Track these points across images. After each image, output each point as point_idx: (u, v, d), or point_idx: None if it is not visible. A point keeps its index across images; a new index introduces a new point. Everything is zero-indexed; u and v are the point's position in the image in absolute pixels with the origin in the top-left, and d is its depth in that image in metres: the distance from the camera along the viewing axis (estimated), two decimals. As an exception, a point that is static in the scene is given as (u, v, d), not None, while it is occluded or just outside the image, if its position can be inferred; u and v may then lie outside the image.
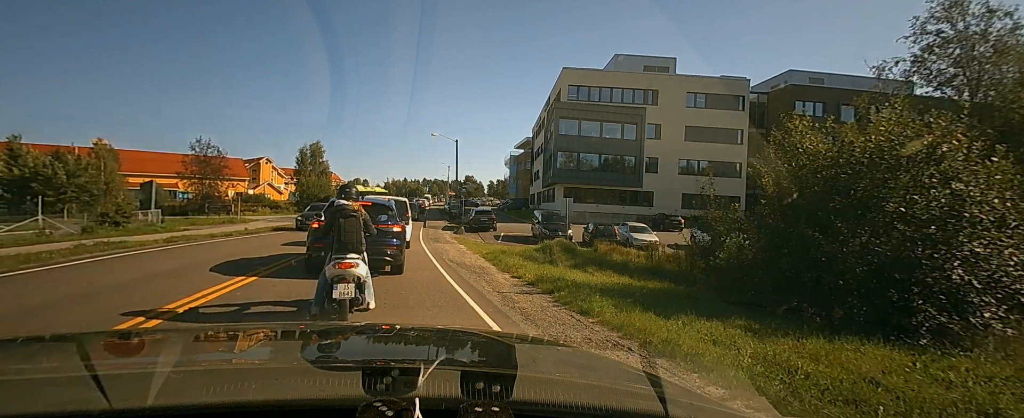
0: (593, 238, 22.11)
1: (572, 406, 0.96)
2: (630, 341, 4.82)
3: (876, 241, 7.57)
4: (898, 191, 7.19)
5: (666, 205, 38.64)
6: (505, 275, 10.16)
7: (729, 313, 6.97)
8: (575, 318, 5.99)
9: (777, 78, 45.81)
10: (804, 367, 4.63)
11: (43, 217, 18.14)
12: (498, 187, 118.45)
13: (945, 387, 4.18)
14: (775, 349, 5.19)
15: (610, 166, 39.49)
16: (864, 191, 7.55)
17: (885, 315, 7.35)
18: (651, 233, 22.87)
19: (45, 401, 0.89)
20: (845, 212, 7.83)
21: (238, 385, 1.04)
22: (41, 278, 7.79)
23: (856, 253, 7.54)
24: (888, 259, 7.32)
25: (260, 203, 46.91)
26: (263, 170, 62.26)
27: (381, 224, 8.42)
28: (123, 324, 5.06)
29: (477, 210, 32.23)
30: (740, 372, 4.19)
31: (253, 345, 1.68)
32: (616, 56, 43.95)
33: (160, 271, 8.88)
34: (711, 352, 4.66)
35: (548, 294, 7.76)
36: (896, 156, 7.13)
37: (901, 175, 7.09)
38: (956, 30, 18.22)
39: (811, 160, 8.37)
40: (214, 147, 40.17)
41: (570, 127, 38.95)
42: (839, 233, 7.91)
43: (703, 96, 40.93)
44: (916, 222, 7.11)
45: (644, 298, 7.75)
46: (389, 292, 7.48)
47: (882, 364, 5.14)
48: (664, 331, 5.04)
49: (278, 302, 6.46)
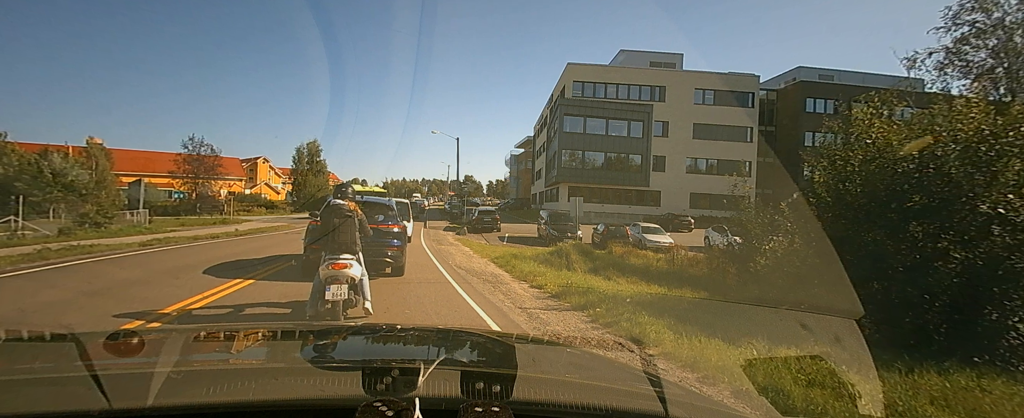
0: (604, 240, 20.98)
1: (572, 406, 0.96)
2: (714, 387, 3.67)
3: (956, 248, 6.47)
4: (998, 188, 6.05)
5: (674, 205, 37.47)
6: (523, 284, 8.99)
7: (791, 332, 5.86)
8: (628, 350, 4.86)
9: (786, 75, 44.72)
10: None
11: (16, 218, 16.91)
12: (497, 187, 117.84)
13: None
14: (890, 388, 4.07)
15: (616, 164, 38.23)
16: (952, 188, 6.41)
17: (973, 335, 6.26)
18: (665, 234, 21.74)
19: (45, 401, 0.90)
20: (925, 213, 6.69)
21: (238, 385, 1.01)
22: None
23: (939, 262, 6.44)
24: (981, 270, 6.22)
25: (256, 203, 45.70)
26: (260, 170, 61.29)
27: (379, 224, 8.16)
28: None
29: (480, 210, 31.02)
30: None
31: (253, 345, 1.67)
32: (622, 51, 42.78)
33: (104, 286, 7.25)
34: (821, 401, 3.52)
35: (581, 311, 6.60)
36: (1004, 143, 5.97)
37: (1009, 167, 5.93)
38: (992, 20, 17.17)
39: (880, 153, 7.23)
40: (207, 145, 39.00)
41: (575, 124, 37.67)
42: (914, 238, 6.79)
43: (712, 93, 39.72)
44: (1021, 226, 5.98)
45: (687, 314, 6.63)
46: (391, 308, 6.35)
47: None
48: (757, 370, 3.90)
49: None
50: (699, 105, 39.53)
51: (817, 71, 43.35)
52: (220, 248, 13.47)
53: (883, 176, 7.11)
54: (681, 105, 39.06)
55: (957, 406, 3.87)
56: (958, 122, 6.64)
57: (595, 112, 37.77)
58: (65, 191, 27.65)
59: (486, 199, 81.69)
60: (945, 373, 4.75)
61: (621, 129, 37.75)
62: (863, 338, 5.57)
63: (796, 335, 5.48)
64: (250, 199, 47.36)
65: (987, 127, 6.42)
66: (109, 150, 38.50)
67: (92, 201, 18.45)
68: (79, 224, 17.65)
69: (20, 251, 10.39)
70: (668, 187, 38.40)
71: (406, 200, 17.82)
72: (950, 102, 7.84)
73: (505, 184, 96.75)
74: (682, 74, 40.39)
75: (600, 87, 39.52)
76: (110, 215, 18.58)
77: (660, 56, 41.87)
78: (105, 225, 18.35)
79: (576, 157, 38.00)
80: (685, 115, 39.03)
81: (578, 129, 37.55)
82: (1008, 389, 4.58)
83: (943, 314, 6.56)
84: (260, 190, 58.09)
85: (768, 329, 5.71)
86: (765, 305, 8.42)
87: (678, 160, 39.10)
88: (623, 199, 37.77)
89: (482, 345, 1.79)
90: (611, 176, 37.85)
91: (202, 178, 38.77)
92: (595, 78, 39.57)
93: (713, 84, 39.67)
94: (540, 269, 10.49)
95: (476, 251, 15.75)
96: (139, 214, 21.63)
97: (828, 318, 7.27)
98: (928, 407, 3.71)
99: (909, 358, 5.32)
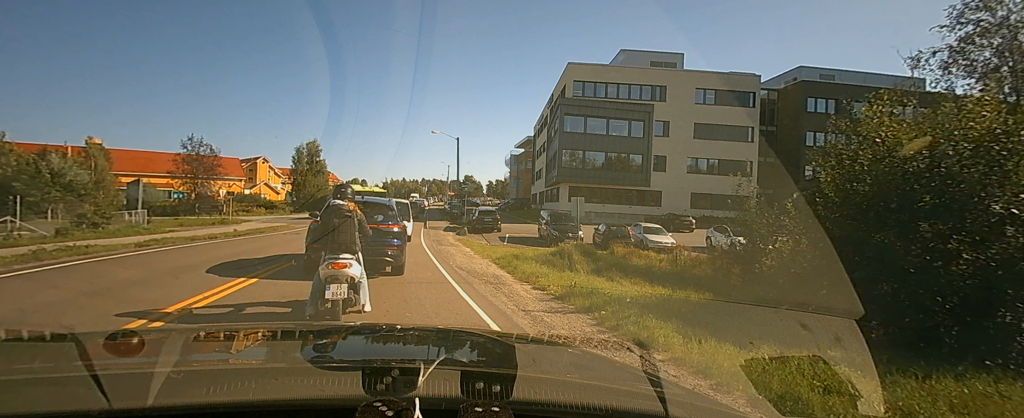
0: (606, 240, 20.84)
1: (572, 406, 0.96)
2: (729, 395, 3.54)
3: (967, 248, 6.34)
4: (1012, 187, 5.92)
5: (674, 205, 37.31)
6: (525, 286, 8.85)
7: (796, 333, 5.72)
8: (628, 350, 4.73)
9: (786, 75, 44.57)
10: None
11: (12, 218, 16.76)
12: (496, 187, 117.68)
13: None
14: (905, 394, 3.94)
15: (617, 164, 38.06)
16: (964, 188, 6.28)
17: (985, 337, 6.14)
18: (667, 235, 21.60)
19: (45, 401, 0.89)
20: (935, 213, 6.56)
21: (238, 385, 1.01)
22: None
23: (950, 263, 6.31)
24: (993, 271, 6.09)
25: (255, 203, 45.50)
26: (260, 170, 61.13)
27: (379, 224, 8.30)
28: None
29: (480, 210, 30.88)
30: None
31: (253, 345, 1.66)
32: (622, 51, 42.64)
33: (104, 286, 7.18)
34: (839, 407, 3.39)
35: (586, 313, 6.46)
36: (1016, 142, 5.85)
37: (1021, 166, 5.80)
38: (997, 18, 17.05)
39: (890, 152, 7.09)
40: (207, 145, 38.82)
41: (576, 124, 37.50)
42: (924, 238, 6.66)
43: (713, 92, 39.57)
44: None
45: (694, 316, 6.49)
46: (391, 310, 6.22)
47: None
48: (761, 372, 3.77)
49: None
50: (700, 105, 39.38)
51: (818, 71, 43.20)
52: (219, 248, 13.34)
53: (893, 176, 6.98)
54: (682, 105, 38.91)
55: (978, 414, 3.74)
56: (970, 121, 6.51)
57: (596, 112, 37.62)
58: (63, 191, 27.51)
59: (486, 199, 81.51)
60: (962, 378, 4.62)
61: (622, 129, 37.59)
62: (864, 338, 5.45)
63: (800, 336, 5.35)
64: (249, 199, 47.19)
65: (999, 126, 6.30)
66: (108, 150, 38.35)
67: (90, 201, 18.25)
68: (77, 224, 17.49)
69: (15, 252, 10.25)
70: (669, 187, 38.26)
71: (406, 201, 17.98)
72: (958, 101, 7.72)
73: (505, 184, 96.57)
74: (683, 74, 40.24)
75: (601, 87, 39.38)
76: (108, 215, 18.42)
77: (660, 56, 41.70)
78: (103, 225, 18.19)
79: (576, 157, 37.84)
80: (686, 115, 38.87)
81: (579, 129, 37.39)
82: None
83: (954, 316, 6.43)
84: (260, 190, 57.92)
85: (776, 330, 5.58)
86: (770, 305, 8.30)
87: (679, 160, 38.95)
88: (624, 199, 37.62)
89: (482, 345, 1.78)
90: (612, 176, 37.70)
91: (201, 178, 38.58)
92: (596, 78, 39.42)
93: (714, 84, 39.53)
94: (542, 270, 10.35)
95: (477, 251, 15.62)
96: (138, 214, 21.44)
97: (830, 318, 7.17)
98: (949, 415, 3.57)
99: (925, 363, 5.20)
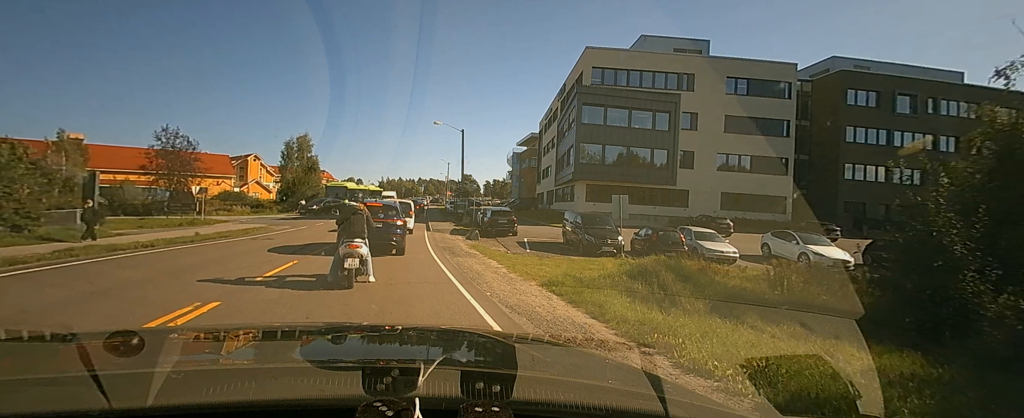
0: (649, 248, 17.16)
1: (572, 406, 0.95)
2: None
3: None
4: None
5: (703, 205, 33.60)
6: (660, 358, 5.13)
7: None
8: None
9: (818, 65, 41.10)
10: None
11: None
12: (495, 187, 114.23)
13: None
14: None
15: (639, 160, 34.14)
16: None
17: None
18: (725, 242, 18.03)
19: (45, 401, 0.88)
20: None
21: (238, 385, 0.99)
22: None
23: None
24: None
25: (240, 201, 41.51)
26: (251, 167, 57.21)
27: (387, 218, 11.99)
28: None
29: (494, 211, 26.93)
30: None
31: (253, 345, 1.62)
32: (642, 37, 38.89)
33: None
34: None
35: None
36: None
37: None
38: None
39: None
40: (183, 137, 34.88)
41: (595, 115, 33.44)
42: None
43: (745, 82, 35.80)
44: None
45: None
46: None
47: None
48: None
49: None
50: (731, 95, 35.46)
51: (853, 61, 39.76)
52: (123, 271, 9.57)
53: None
54: (711, 94, 35.00)
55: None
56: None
57: (617, 101, 33.62)
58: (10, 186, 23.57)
59: (485, 199, 77.81)
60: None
61: (645, 121, 33.65)
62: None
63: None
64: (235, 197, 43.20)
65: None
66: (87, 146, 35.18)
67: (15, 196, 14.61)
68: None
69: None
70: (697, 186, 34.46)
71: (409, 201, 16.39)
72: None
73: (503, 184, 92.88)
74: (712, 61, 36.31)
75: (622, 74, 35.52)
76: (34, 216, 14.64)
77: (684, 42, 37.91)
78: (28, 228, 14.36)
79: (594, 152, 33.99)
80: (716, 106, 34.93)
81: (598, 120, 33.41)
82: None
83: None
84: (251, 189, 54.02)
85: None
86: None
87: (708, 156, 35.10)
88: (647, 199, 33.52)
89: (482, 345, 1.77)
90: (634, 173, 33.66)
91: (177, 174, 34.64)
92: (617, 64, 35.53)
93: (747, 72, 35.80)
94: (641, 310, 6.61)
95: (506, 265, 11.90)
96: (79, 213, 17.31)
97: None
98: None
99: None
